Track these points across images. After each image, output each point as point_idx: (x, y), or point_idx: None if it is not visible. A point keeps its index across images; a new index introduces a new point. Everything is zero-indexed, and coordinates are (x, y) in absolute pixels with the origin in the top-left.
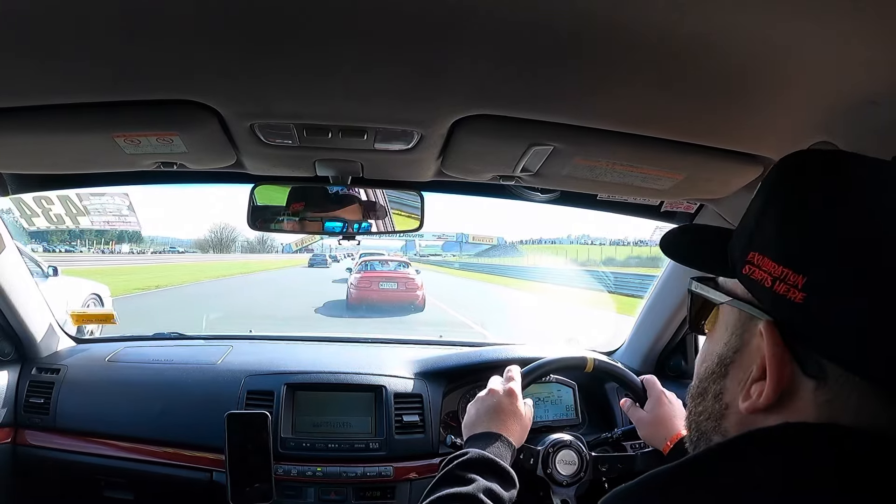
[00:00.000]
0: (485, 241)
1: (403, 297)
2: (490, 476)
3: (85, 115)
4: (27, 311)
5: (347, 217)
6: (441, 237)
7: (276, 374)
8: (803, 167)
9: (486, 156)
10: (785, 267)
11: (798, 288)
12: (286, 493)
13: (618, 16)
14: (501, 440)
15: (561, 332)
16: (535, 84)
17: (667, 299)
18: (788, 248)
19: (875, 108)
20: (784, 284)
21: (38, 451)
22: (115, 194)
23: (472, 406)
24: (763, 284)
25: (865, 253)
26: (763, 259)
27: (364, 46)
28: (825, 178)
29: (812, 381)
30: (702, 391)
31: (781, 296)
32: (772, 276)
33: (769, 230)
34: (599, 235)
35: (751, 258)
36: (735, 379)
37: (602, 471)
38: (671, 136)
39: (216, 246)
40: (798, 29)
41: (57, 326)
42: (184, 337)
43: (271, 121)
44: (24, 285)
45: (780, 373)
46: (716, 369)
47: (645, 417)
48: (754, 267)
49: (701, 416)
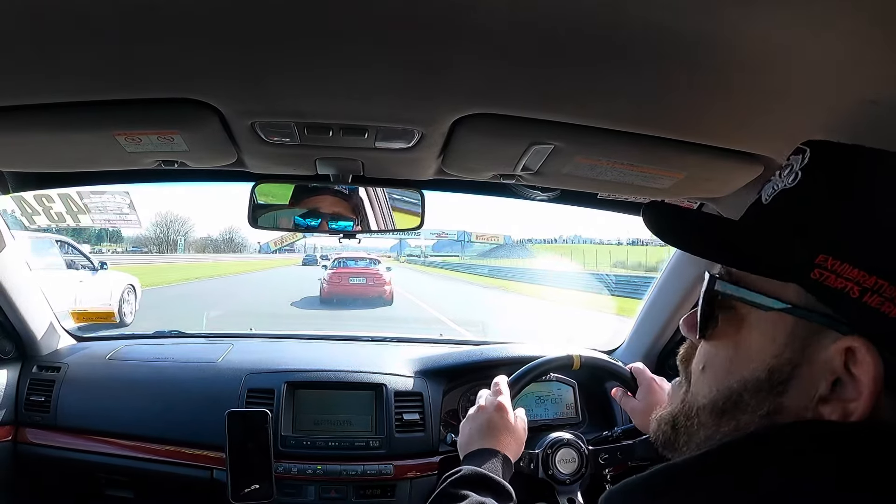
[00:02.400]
0: (489, 240)
1: (372, 291)
2: (485, 492)
3: (86, 113)
4: (28, 310)
5: (348, 215)
6: (440, 235)
7: (277, 372)
8: (880, 164)
9: (486, 154)
10: (880, 278)
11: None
12: (286, 491)
13: (618, 14)
14: (496, 456)
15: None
16: (535, 83)
17: (667, 298)
18: (882, 256)
19: (876, 107)
20: (878, 296)
21: (38, 449)
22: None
23: (465, 425)
24: (847, 294)
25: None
26: (842, 266)
27: (365, 45)
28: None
29: (893, 399)
30: (733, 407)
31: (874, 309)
32: (860, 286)
33: (849, 232)
34: (627, 236)
35: (821, 262)
36: (797, 397)
37: (603, 463)
38: (672, 135)
39: (162, 244)
40: (799, 28)
41: (57, 324)
42: (184, 335)
43: (272, 119)
44: (24, 283)
45: (876, 393)
46: (763, 386)
47: (638, 406)
48: (828, 273)
49: (727, 437)
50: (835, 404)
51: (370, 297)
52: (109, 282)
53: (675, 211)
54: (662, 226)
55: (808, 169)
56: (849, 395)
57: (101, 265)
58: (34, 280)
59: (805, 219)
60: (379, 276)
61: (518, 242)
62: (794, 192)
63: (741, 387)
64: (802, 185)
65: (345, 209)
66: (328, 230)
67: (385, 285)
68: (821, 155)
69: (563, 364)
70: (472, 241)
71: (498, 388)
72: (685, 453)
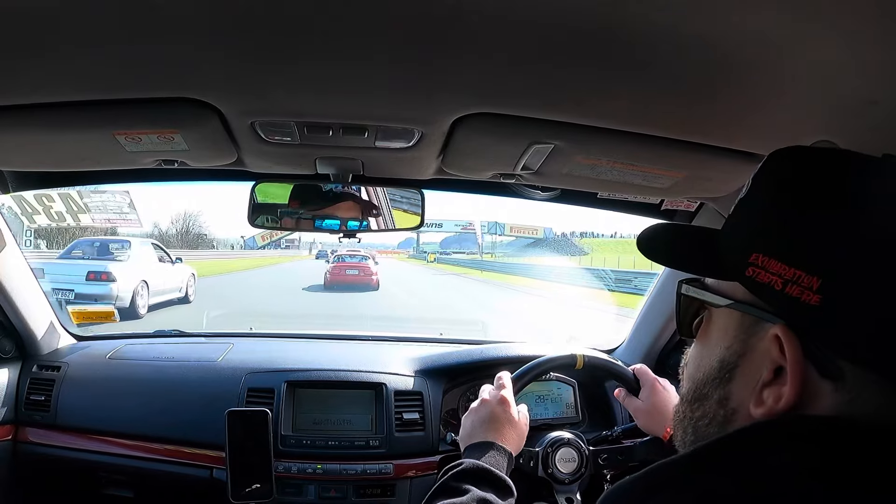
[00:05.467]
0: (527, 233)
1: (362, 280)
2: (485, 486)
3: (86, 112)
4: (28, 309)
5: (348, 214)
6: (466, 228)
7: (277, 371)
8: (805, 164)
9: (486, 154)
10: (798, 269)
11: (813, 290)
12: (286, 491)
13: (618, 14)
14: (497, 449)
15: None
16: (535, 82)
17: (668, 297)
18: (800, 249)
19: (875, 107)
20: (797, 287)
21: (38, 448)
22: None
23: (467, 418)
24: (772, 287)
25: (880, 251)
26: (769, 261)
27: (364, 44)
28: (832, 176)
29: (829, 383)
30: (699, 396)
31: (794, 298)
32: (782, 278)
33: (775, 230)
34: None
35: (754, 260)
36: (742, 384)
37: (602, 464)
38: (672, 134)
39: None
40: (798, 28)
41: (57, 323)
42: (184, 334)
43: (272, 118)
44: (24, 282)
45: (801, 377)
46: (717, 374)
47: (641, 406)
48: (759, 269)
49: (700, 422)
50: (772, 388)
51: (361, 284)
52: (181, 271)
53: (655, 228)
54: (655, 247)
55: (756, 177)
56: (785, 380)
57: (177, 259)
58: (34, 279)
59: (747, 223)
60: (368, 269)
61: (561, 236)
62: (744, 200)
63: (704, 377)
64: (749, 193)
65: (344, 208)
66: (328, 229)
67: (373, 276)
68: (769, 163)
69: (567, 363)
70: (506, 233)
71: (501, 382)
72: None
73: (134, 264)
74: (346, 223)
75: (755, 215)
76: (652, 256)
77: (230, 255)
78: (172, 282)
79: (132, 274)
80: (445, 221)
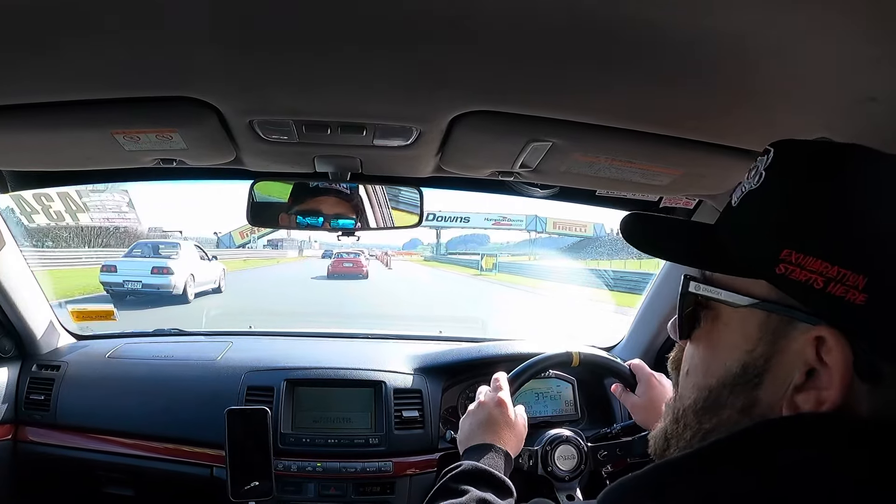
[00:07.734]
0: (573, 229)
1: (355, 270)
2: (484, 486)
3: (84, 111)
4: (27, 308)
5: (346, 213)
6: (499, 222)
7: (276, 369)
8: (840, 158)
9: (484, 152)
10: (842, 267)
11: (859, 289)
12: (286, 489)
13: (616, 12)
14: (495, 450)
15: None
16: (533, 80)
17: (667, 294)
18: (845, 246)
19: (875, 105)
20: (841, 286)
21: (38, 447)
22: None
23: (465, 421)
24: (810, 286)
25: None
26: (805, 258)
27: (363, 43)
28: (868, 170)
29: (867, 385)
30: (713, 405)
31: (838, 298)
32: (824, 276)
33: (811, 225)
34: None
35: (786, 256)
36: (771, 390)
37: (602, 460)
38: (670, 132)
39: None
40: (798, 26)
41: (57, 323)
42: (183, 333)
43: (270, 117)
44: (24, 282)
45: (847, 380)
46: (738, 380)
47: (638, 402)
48: (793, 266)
49: (712, 433)
50: (809, 393)
51: (354, 273)
52: (216, 267)
53: (650, 219)
54: (637, 235)
55: (772, 169)
56: (822, 383)
57: (213, 257)
58: (34, 278)
59: (769, 217)
60: (360, 262)
61: (617, 235)
62: (758, 192)
63: (719, 384)
64: (766, 185)
65: (344, 207)
66: (328, 228)
67: (363, 267)
68: (783, 154)
69: (563, 361)
70: (548, 230)
71: (498, 384)
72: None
73: (184, 261)
74: (345, 222)
75: (780, 209)
76: (646, 249)
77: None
78: (210, 275)
79: (183, 268)
80: (473, 215)
